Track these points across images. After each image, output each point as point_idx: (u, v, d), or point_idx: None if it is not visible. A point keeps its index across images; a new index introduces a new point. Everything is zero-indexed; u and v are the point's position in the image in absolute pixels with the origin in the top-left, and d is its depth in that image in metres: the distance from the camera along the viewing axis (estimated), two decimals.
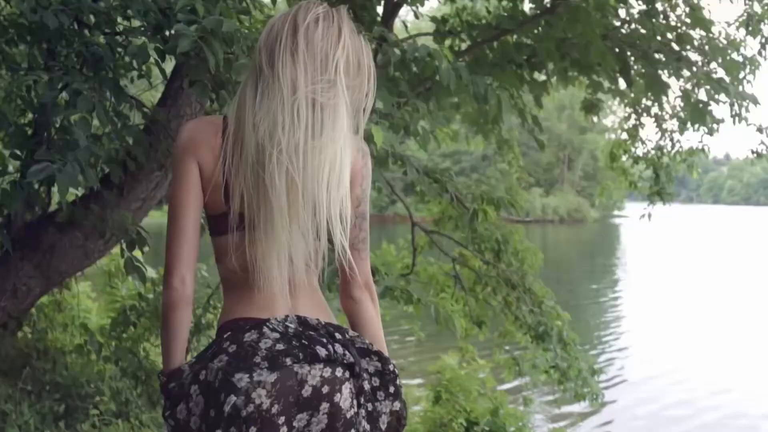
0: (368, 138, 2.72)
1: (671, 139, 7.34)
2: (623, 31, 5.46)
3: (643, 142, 7.71)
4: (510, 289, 6.86)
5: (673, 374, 12.63)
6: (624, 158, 8.12)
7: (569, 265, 31.51)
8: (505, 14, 5.26)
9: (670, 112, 7.22)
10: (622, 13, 6.11)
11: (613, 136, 8.45)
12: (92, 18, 3.17)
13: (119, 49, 2.98)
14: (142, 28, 2.95)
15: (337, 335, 1.74)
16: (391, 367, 1.81)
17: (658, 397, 11.58)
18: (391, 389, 1.81)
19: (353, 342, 1.78)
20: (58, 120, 3.18)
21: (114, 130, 3.47)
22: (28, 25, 3.08)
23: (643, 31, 5.39)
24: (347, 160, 1.74)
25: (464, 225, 5.69)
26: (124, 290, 6.00)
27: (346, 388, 1.70)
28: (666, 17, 6.06)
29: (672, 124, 7.24)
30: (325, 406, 1.67)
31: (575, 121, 54.94)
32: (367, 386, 1.75)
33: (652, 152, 7.61)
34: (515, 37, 5.29)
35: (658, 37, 5.66)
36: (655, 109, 7.20)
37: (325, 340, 1.70)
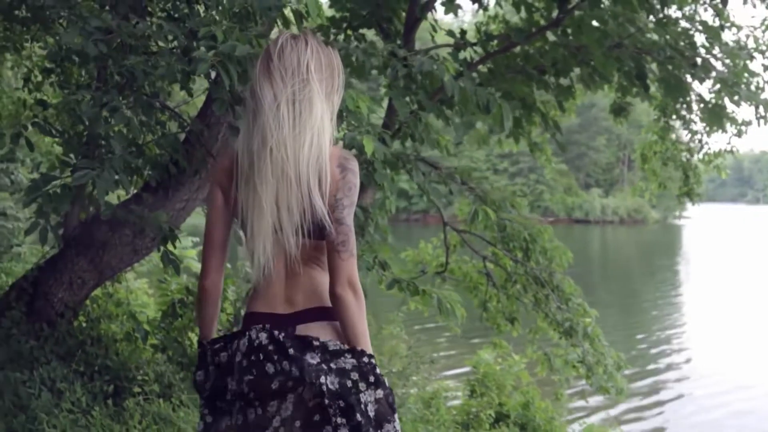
0: (360, 148, 3.05)
1: (699, 141, 7.48)
2: (640, 38, 5.65)
3: (673, 144, 7.86)
4: (539, 287, 7.10)
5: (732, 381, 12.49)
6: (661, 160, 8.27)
7: (629, 265, 31.25)
8: (519, 26, 5.53)
9: (699, 114, 7.36)
10: (651, 17, 6.30)
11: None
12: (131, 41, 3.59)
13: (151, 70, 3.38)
14: (173, 50, 3.35)
15: (291, 351, 2.04)
16: (365, 360, 2.05)
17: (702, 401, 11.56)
18: (371, 379, 2.05)
19: (326, 347, 2.06)
20: (102, 132, 3.62)
21: (155, 140, 3.92)
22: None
23: (656, 37, 5.58)
24: (325, 137, 2.05)
25: (491, 225, 5.97)
26: (174, 285, 6.45)
27: (308, 386, 2.02)
28: (692, 22, 6.24)
29: (700, 126, 7.39)
30: (290, 396, 2.05)
31: (635, 121, 54.01)
32: (333, 387, 2.01)
33: (683, 153, 7.76)
34: (530, 47, 5.55)
35: (680, 42, 5.83)
36: (683, 112, 7.35)
37: (276, 357, 2.04)
